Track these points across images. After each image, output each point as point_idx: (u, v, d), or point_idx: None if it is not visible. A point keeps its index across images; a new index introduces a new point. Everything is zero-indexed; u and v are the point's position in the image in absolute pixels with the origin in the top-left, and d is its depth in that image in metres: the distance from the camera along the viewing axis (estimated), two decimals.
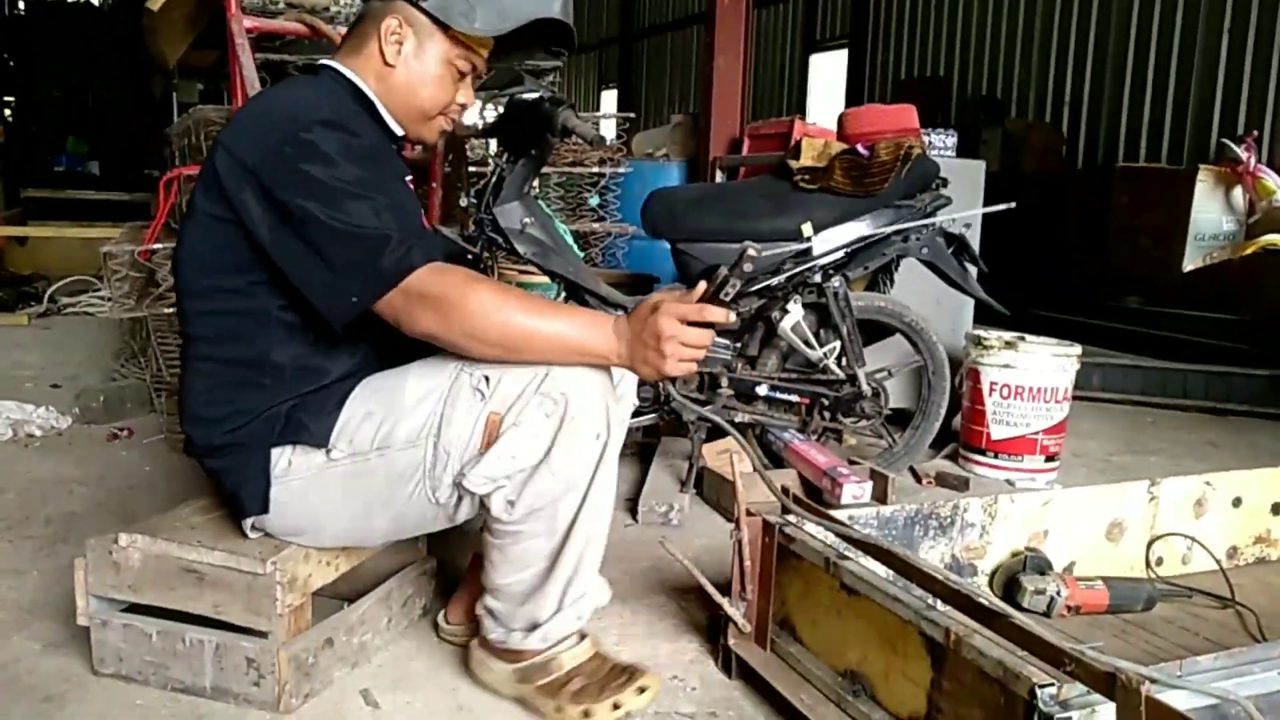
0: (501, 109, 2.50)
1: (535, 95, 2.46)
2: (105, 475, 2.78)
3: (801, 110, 11.67)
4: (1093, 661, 1.14)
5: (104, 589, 1.66)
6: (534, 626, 1.57)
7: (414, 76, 1.57)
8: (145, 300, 3.13)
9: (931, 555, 1.99)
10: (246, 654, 1.59)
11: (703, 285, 1.44)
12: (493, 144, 3.16)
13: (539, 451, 1.44)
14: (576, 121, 2.37)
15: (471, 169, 3.22)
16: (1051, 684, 1.16)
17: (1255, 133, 5.79)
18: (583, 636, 1.62)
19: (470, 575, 1.82)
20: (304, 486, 1.54)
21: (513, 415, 1.44)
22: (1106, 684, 1.11)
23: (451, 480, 1.49)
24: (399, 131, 1.64)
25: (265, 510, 1.56)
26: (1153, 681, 1.19)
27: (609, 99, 17.53)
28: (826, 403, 2.79)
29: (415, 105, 1.60)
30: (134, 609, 1.68)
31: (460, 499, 1.51)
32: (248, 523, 1.61)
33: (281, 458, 1.53)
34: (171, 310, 3.15)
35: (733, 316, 1.42)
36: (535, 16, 1.55)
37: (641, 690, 1.56)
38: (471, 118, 2.56)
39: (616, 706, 1.54)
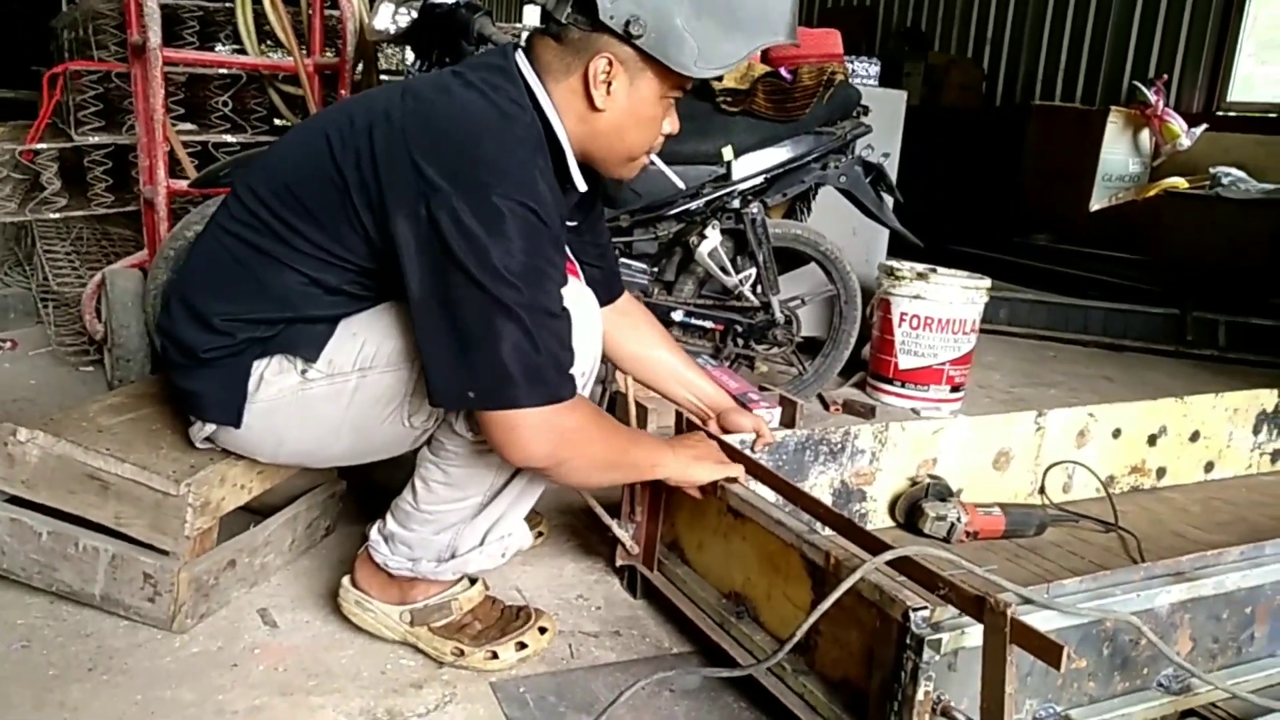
0: (415, 14, 2.38)
1: (451, 1, 2.34)
2: None
3: None
4: (963, 585, 1.17)
5: None
6: (450, 557, 1.52)
7: (624, 120, 1.42)
8: (29, 204, 2.94)
9: (821, 480, 2.03)
10: (145, 569, 1.53)
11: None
12: (407, 51, 3.03)
13: None
14: (493, 30, 2.27)
15: (384, 77, 3.08)
16: (925, 607, 1.19)
17: (1165, 76, 5.93)
18: (473, 580, 1.59)
19: None
20: (271, 407, 1.46)
21: None
22: (975, 607, 1.15)
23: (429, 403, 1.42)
24: (582, 187, 1.50)
25: (237, 424, 1.47)
26: (1026, 602, 1.24)
27: (531, 13, 17.03)
28: (740, 329, 2.80)
29: (622, 150, 1.47)
30: (18, 504, 1.59)
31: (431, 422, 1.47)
32: (202, 430, 1.54)
33: (255, 373, 1.45)
34: (58, 216, 2.98)
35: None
36: (765, 46, 1.43)
37: (542, 631, 1.57)
38: (384, 22, 2.43)
39: (522, 646, 1.53)
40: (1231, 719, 1.45)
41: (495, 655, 1.52)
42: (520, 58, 1.42)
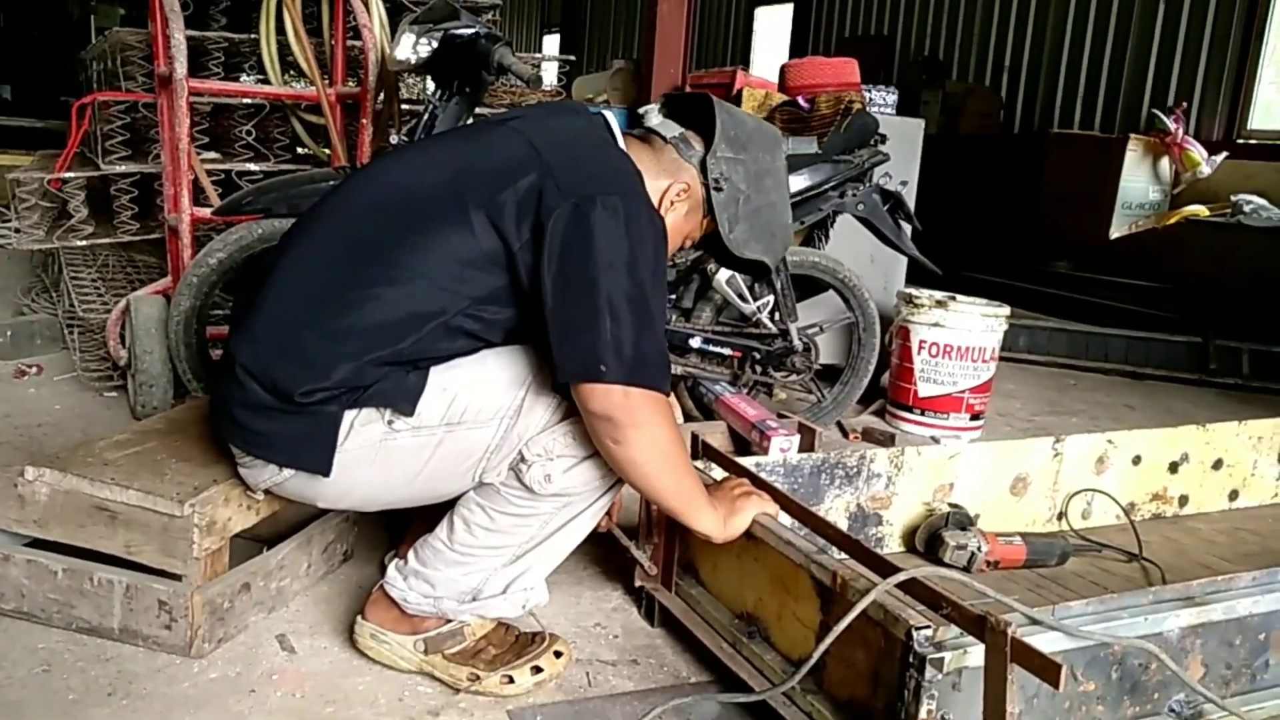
0: (436, 44, 2.42)
1: (472, 31, 2.37)
2: (11, 413, 2.67)
3: (745, 63, 11.59)
4: (966, 605, 1.18)
5: (7, 523, 1.60)
6: (472, 600, 1.51)
7: (672, 232, 1.58)
8: (56, 232, 2.99)
9: (837, 504, 2.02)
10: (159, 596, 1.54)
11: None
12: (428, 81, 3.07)
13: (591, 446, 1.44)
14: (513, 60, 2.30)
15: (404, 106, 3.12)
16: (928, 626, 1.20)
17: (1184, 104, 5.92)
18: None
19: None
20: (356, 457, 1.43)
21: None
22: (977, 626, 1.15)
23: (509, 464, 1.44)
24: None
25: (327, 472, 1.43)
26: (1034, 623, 1.23)
27: (551, 43, 17.19)
28: (758, 356, 2.80)
29: None
30: (38, 545, 1.61)
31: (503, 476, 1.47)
32: (279, 475, 1.49)
33: (346, 421, 1.41)
34: (85, 243, 3.02)
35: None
36: (762, 259, 1.69)
37: (557, 655, 1.56)
38: (405, 53, 2.47)
39: (537, 670, 1.53)
40: None
41: (511, 680, 1.51)
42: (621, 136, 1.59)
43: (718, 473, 1.75)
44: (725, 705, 1.52)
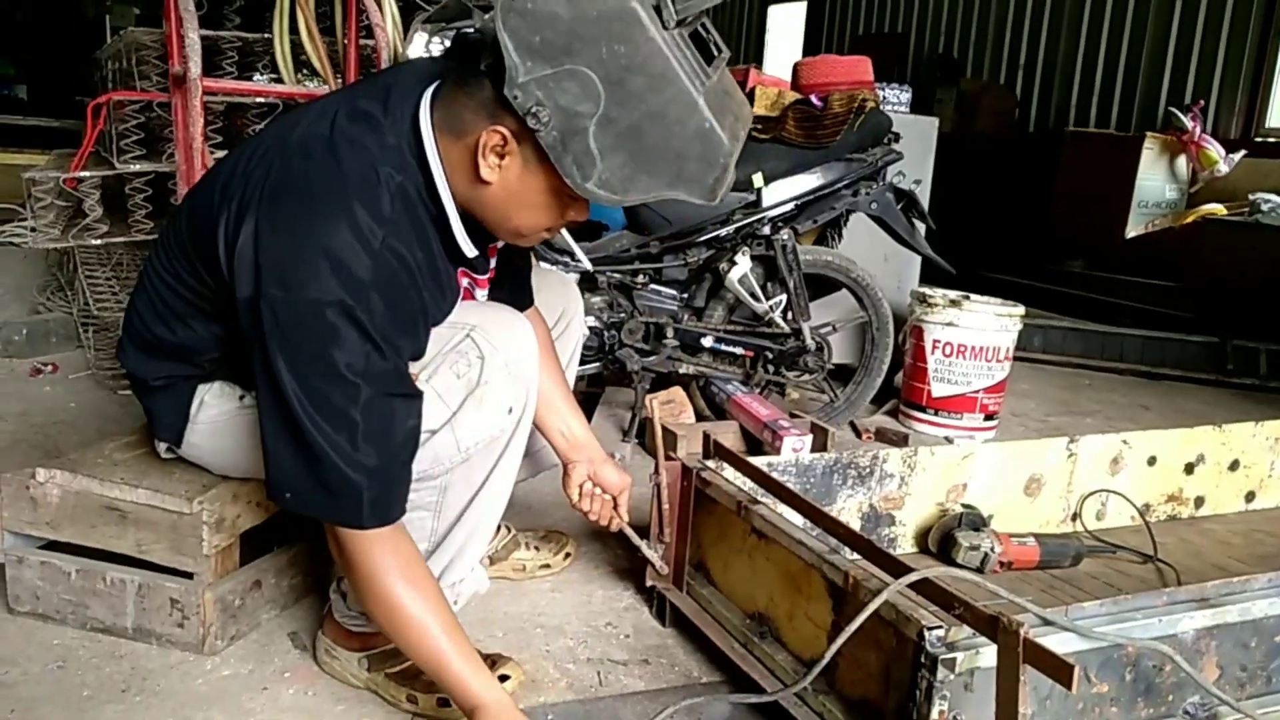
0: (449, 43, 2.42)
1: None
2: (28, 410, 2.68)
3: (759, 61, 11.56)
4: (978, 605, 1.17)
5: (20, 525, 1.60)
6: None
7: (510, 199, 1.27)
8: (71, 231, 3.00)
9: (850, 504, 2.01)
10: (170, 594, 1.55)
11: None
12: None
13: (443, 414, 1.33)
14: None
15: None
16: (940, 626, 1.19)
17: (1201, 102, 5.87)
18: None
19: None
20: (212, 430, 1.50)
21: (426, 373, 1.33)
22: (989, 626, 1.14)
23: None
24: (470, 253, 1.37)
25: (178, 443, 1.55)
26: (1046, 624, 1.23)
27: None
28: (771, 356, 2.79)
29: (509, 226, 1.33)
30: (52, 546, 1.63)
31: None
32: (160, 445, 1.60)
33: (197, 397, 1.48)
34: (100, 242, 3.03)
35: None
36: (676, 197, 1.23)
37: (503, 679, 1.45)
38: (417, 51, 2.47)
39: None
40: None
41: (447, 703, 1.41)
42: (426, 104, 1.28)
43: (730, 472, 1.74)
44: (737, 705, 1.51)
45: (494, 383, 1.35)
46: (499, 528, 1.63)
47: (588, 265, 2.61)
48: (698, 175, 1.22)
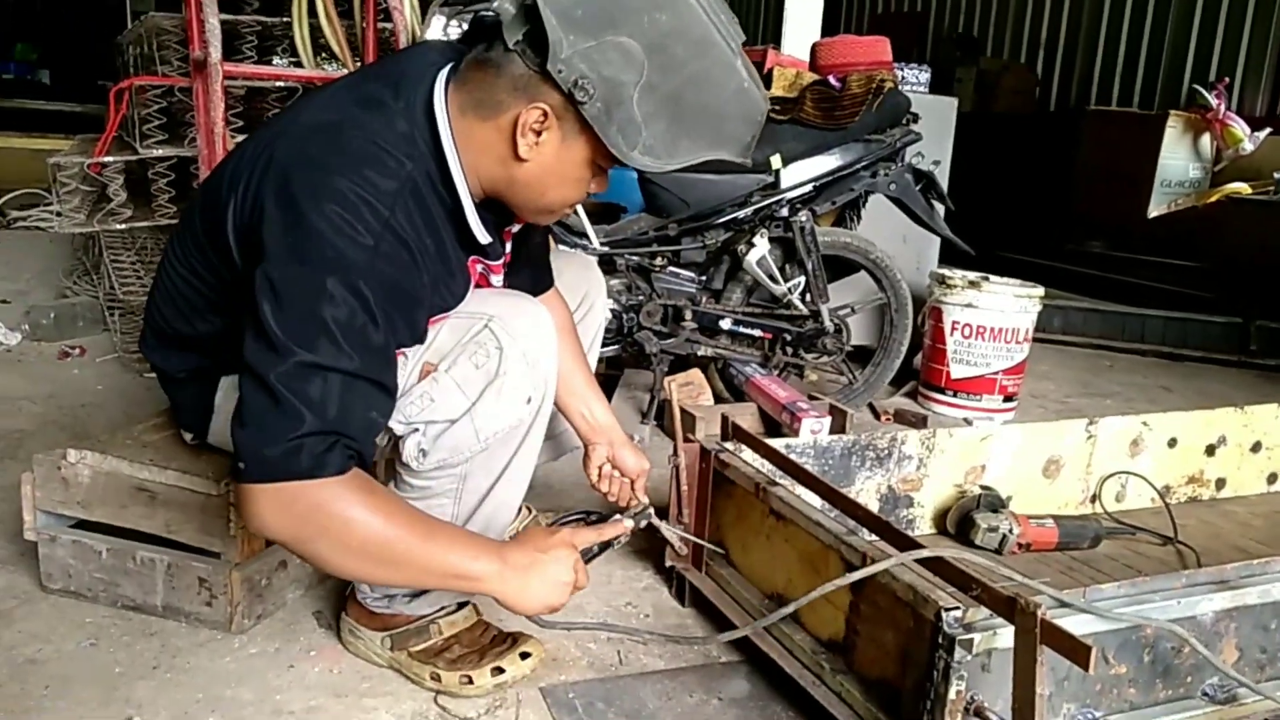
0: (467, 26, 2.42)
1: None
2: (56, 393, 2.73)
3: (777, 42, 11.48)
4: (996, 587, 1.17)
5: (53, 505, 1.64)
6: (420, 593, 1.50)
7: (547, 175, 1.28)
8: (96, 215, 3.04)
9: (868, 486, 2.02)
10: (199, 574, 1.58)
11: (594, 532, 1.44)
12: None
13: (462, 404, 1.34)
14: None
15: None
16: (957, 607, 1.20)
17: (1226, 79, 5.79)
18: (461, 604, 1.56)
19: None
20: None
21: (445, 364, 1.34)
22: (1007, 607, 1.15)
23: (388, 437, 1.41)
24: (485, 239, 1.37)
25: (203, 434, 1.58)
26: (1063, 605, 1.23)
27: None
28: (789, 338, 2.80)
29: (541, 204, 1.34)
30: (83, 525, 1.66)
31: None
32: (186, 434, 1.64)
33: (220, 388, 1.49)
34: (124, 226, 3.07)
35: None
36: (714, 158, 1.27)
37: (524, 656, 1.50)
38: (435, 35, 2.47)
39: (499, 671, 1.48)
40: None
41: (470, 680, 1.46)
42: (440, 89, 1.28)
43: (748, 454, 1.75)
44: (755, 684, 1.53)
45: (512, 373, 1.35)
46: (519, 509, 1.66)
47: (598, 247, 2.61)
48: (737, 134, 1.27)
